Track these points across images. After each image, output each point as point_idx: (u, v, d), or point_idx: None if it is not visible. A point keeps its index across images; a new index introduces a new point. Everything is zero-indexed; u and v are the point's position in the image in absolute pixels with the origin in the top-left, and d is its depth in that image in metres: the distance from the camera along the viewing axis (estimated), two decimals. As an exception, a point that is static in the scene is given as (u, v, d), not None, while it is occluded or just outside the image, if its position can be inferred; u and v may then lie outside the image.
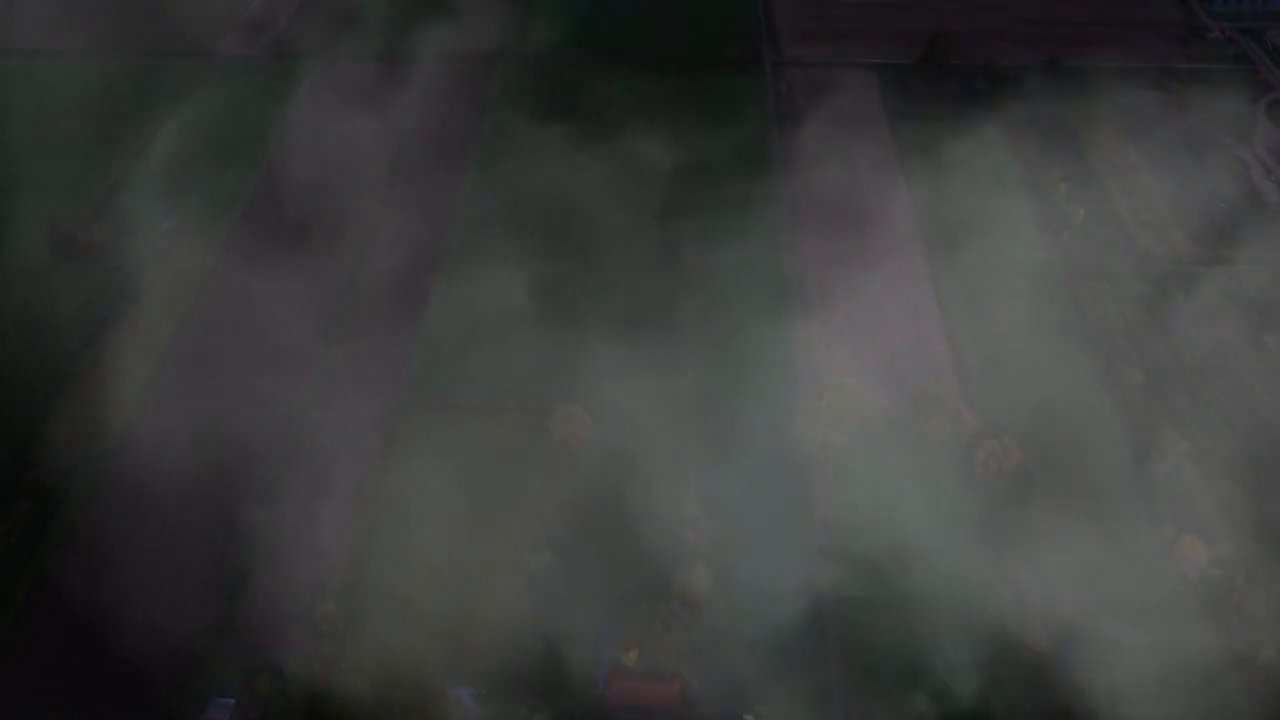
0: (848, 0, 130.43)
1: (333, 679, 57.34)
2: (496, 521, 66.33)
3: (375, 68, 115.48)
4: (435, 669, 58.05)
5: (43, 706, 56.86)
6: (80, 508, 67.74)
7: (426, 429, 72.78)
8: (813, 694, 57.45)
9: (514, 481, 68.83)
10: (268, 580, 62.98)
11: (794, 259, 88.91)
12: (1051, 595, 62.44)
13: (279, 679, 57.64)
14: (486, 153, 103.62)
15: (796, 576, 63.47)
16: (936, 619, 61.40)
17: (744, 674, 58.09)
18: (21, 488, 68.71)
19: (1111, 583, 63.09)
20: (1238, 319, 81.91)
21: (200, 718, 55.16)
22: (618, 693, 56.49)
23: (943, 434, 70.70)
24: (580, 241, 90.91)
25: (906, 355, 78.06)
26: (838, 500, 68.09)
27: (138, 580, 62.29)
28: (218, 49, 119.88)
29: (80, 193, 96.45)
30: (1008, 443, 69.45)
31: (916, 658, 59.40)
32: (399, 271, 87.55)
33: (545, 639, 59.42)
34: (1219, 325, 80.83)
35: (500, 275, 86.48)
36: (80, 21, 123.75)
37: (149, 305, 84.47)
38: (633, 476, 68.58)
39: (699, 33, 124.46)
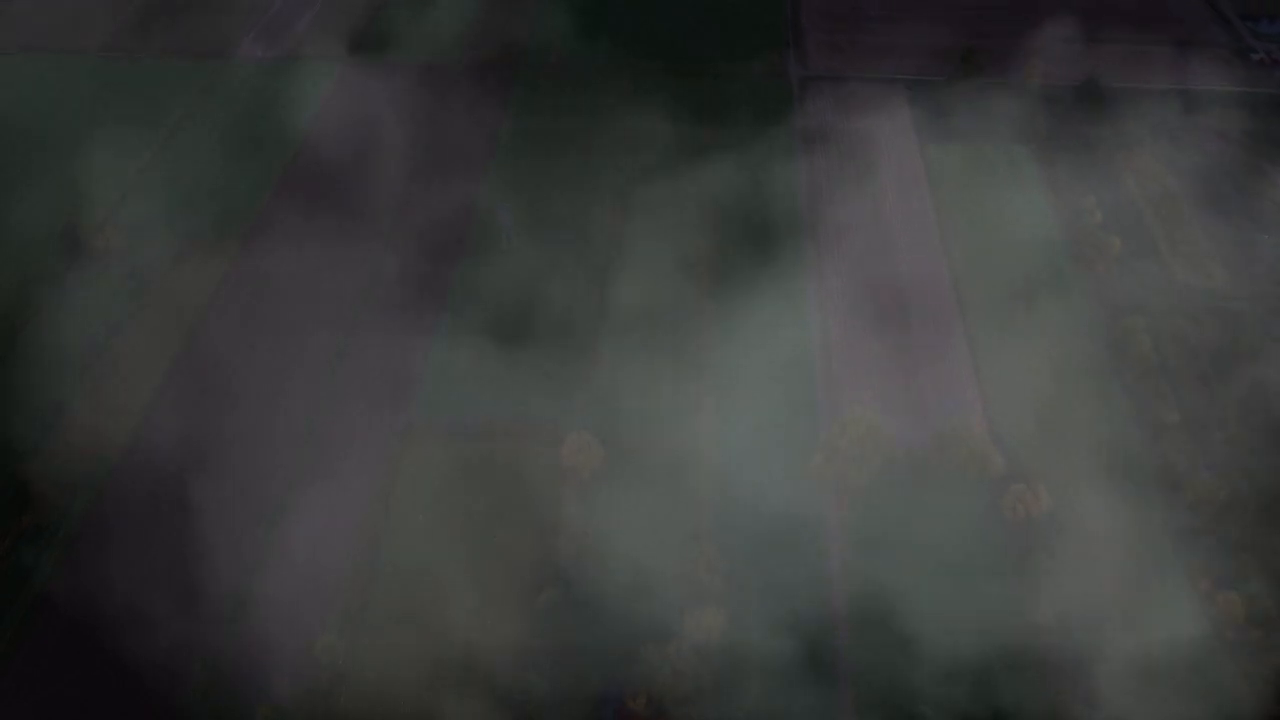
0: (878, 14, 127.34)
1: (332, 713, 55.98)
2: (503, 553, 64.47)
3: (394, 71, 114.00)
4: (436, 708, 56.29)
5: (35, 734, 55.74)
6: (80, 525, 66.50)
7: (433, 453, 70.98)
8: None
9: (522, 511, 66.91)
10: (268, 608, 61.48)
11: (816, 285, 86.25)
12: (1079, 650, 59.91)
13: (278, 712, 56.23)
14: (504, 158, 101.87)
15: (811, 621, 61.28)
16: (956, 672, 58.94)
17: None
18: (24, 501, 67.80)
19: (1143, 639, 60.38)
20: (1280, 359, 78.78)
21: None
22: (624, 742, 54.62)
23: (968, 475, 68.09)
24: (597, 256, 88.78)
25: (932, 390, 75.45)
26: (855, 541, 65.82)
27: (135, 606, 60.85)
28: (236, 51, 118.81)
29: (93, 195, 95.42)
30: (1036, 486, 66.88)
31: (934, 712, 56.98)
32: (411, 285, 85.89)
33: (550, 680, 57.61)
34: (1261, 365, 77.46)
35: (513, 290, 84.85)
36: (96, 20, 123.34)
37: (159, 313, 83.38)
38: (645, 510, 66.60)
39: (723, 43, 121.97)
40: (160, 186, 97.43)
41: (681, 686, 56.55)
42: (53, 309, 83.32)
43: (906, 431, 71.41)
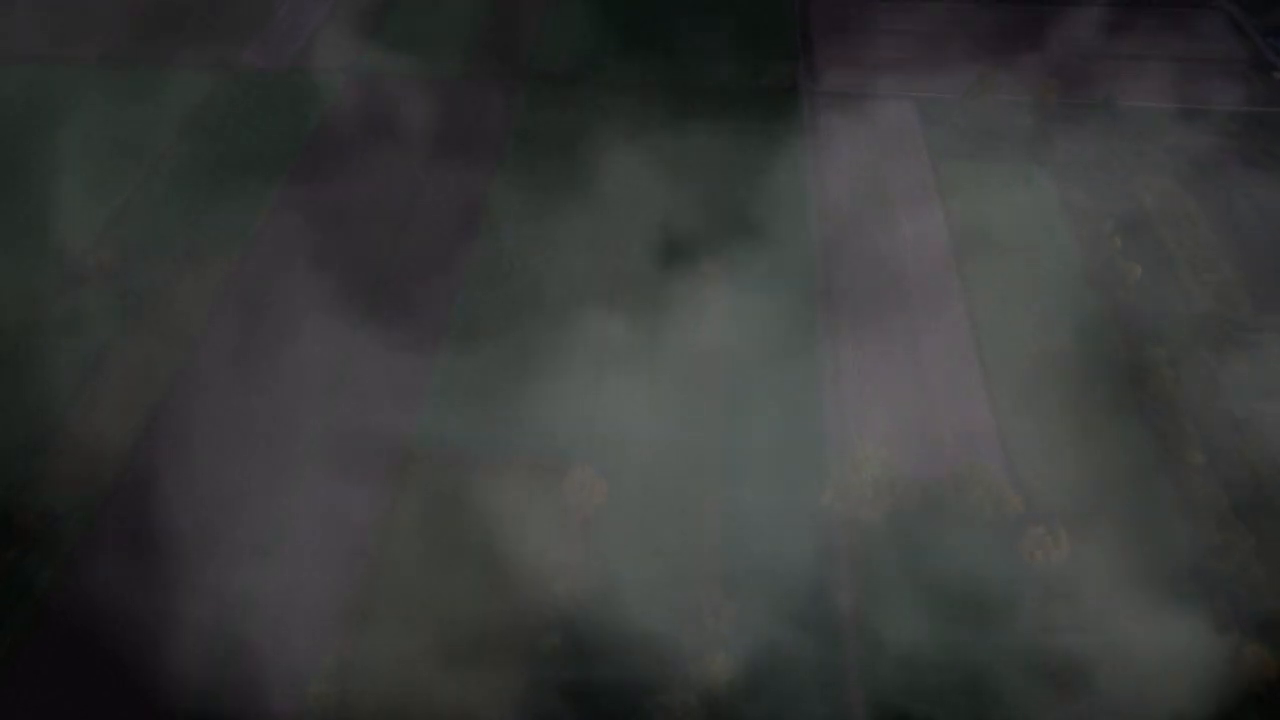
0: (890, 29, 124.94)
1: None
2: (504, 597, 62.32)
3: (399, 84, 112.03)
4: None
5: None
6: (68, 559, 64.50)
7: (432, 489, 68.84)
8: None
9: (524, 552, 64.70)
10: (260, 654, 59.44)
11: (825, 307, 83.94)
12: (1101, 700, 57.63)
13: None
14: (506, 173, 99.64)
15: (823, 668, 59.02)
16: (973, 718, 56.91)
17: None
18: (10, 534, 65.82)
19: (1168, 691, 58.04)
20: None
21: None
22: (626, 800, 52.47)
23: (984, 516, 65.77)
24: (599, 278, 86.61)
25: (946, 426, 73.07)
26: (868, 585, 63.53)
27: (121, 650, 59.00)
28: (238, 61, 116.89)
29: (90, 211, 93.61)
30: (1056, 528, 64.50)
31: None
32: (409, 313, 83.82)
33: (551, 733, 55.67)
34: (1287, 400, 75.07)
35: (515, 313, 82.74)
36: (95, 30, 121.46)
37: (156, 328, 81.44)
38: (649, 550, 64.43)
39: (732, 59, 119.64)
40: (160, 197, 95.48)
41: (687, 739, 54.46)
42: (50, 324, 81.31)
43: (919, 466, 69.26)
